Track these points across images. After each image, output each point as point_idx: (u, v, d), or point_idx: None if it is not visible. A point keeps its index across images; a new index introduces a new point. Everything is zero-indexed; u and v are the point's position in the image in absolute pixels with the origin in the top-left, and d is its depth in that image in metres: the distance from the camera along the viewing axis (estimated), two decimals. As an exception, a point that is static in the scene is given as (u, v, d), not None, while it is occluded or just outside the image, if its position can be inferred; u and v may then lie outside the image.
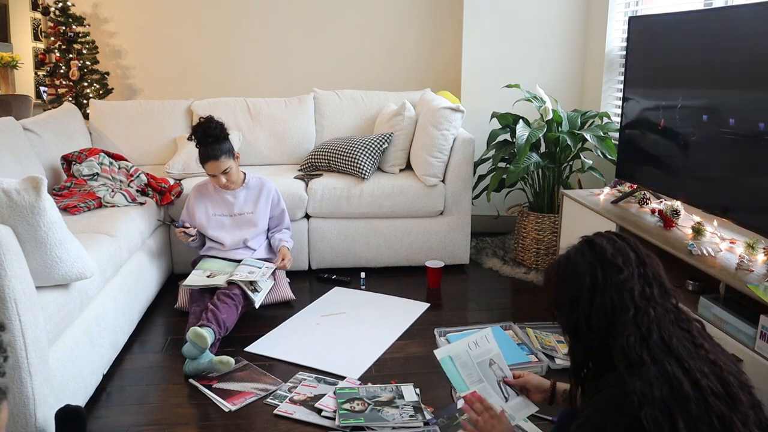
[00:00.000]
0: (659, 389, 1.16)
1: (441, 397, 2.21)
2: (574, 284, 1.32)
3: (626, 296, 1.27)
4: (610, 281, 1.28)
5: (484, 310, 2.99)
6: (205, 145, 2.83)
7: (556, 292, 1.38)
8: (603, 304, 1.28)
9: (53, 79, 4.39)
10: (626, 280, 1.28)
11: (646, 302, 1.27)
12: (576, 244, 1.39)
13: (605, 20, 3.71)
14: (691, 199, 2.38)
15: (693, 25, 2.32)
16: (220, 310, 2.54)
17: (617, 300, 1.27)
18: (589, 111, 3.52)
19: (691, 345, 1.24)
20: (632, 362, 1.21)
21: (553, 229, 3.38)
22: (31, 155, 2.91)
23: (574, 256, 1.35)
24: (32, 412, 1.70)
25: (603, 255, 1.31)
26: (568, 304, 1.33)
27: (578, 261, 1.33)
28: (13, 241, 1.69)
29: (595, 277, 1.30)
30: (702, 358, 1.22)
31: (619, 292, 1.27)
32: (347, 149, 3.41)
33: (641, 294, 1.27)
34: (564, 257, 1.38)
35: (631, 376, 1.19)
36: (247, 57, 4.49)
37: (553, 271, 1.40)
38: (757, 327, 1.82)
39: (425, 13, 4.44)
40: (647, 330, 1.23)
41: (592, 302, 1.29)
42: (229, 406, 2.15)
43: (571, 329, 1.35)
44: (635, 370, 1.20)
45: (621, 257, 1.30)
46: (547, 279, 1.43)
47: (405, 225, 3.39)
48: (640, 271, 1.30)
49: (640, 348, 1.22)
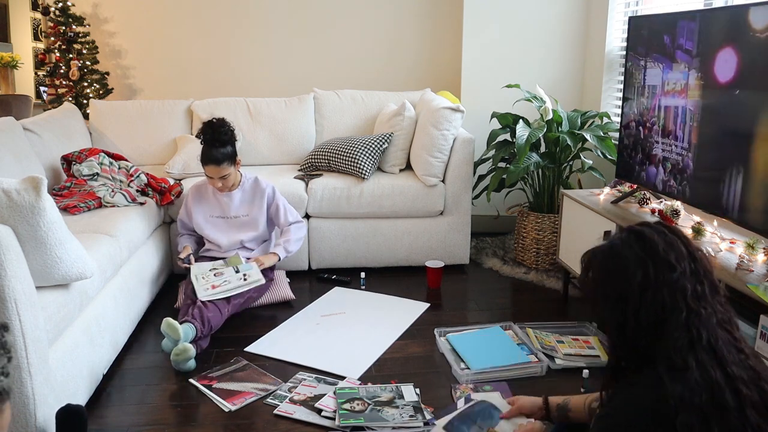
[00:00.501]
0: (699, 396, 1.12)
1: (441, 397, 2.21)
2: (623, 279, 1.23)
3: (678, 296, 1.19)
4: (663, 279, 1.20)
5: (484, 310, 2.99)
6: (211, 147, 2.80)
7: (600, 285, 1.29)
8: (654, 303, 1.20)
9: (53, 79, 4.39)
10: (679, 278, 1.20)
11: (697, 303, 1.20)
12: (621, 234, 1.29)
13: (605, 20, 3.71)
14: (691, 199, 2.38)
15: (693, 24, 2.32)
16: (208, 308, 2.56)
17: (669, 300, 1.20)
18: (589, 111, 3.52)
19: (735, 349, 1.20)
20: (676, 366, 1.15)
21: (553, 229, 3.38)
22: (31, 155, 2.91)
23: (622, 248, 1.26)
24: (32, 412, 1.70)
25: (654, 250, 1.22)
26: (615, 299, 1.25)
27: (627, 255, 1.24)
28: (13, 241, 1.69)
29: (646, 273, 1.21)
30: (743, 365, 1.18)
31: (671, 291, 1.20)
32: (347, 149, 3.41)
33: (693, 293, 1.20)
34: (609, 248, 1.28)
35: (672, 379, 1.14)
36: (247, 57, 4.49)
37: (597, 262, 1.30)
38: (757, 327, 1.81)
39: (425, 13, 4.44)
40: (697, 333, 1.17)
41: (642, 300, 1.21)
42: (229, 406, 2.15)
43: (616, 325, 1.27)
44: (677, 373, 1.15)
45: (673, 253, 1.22)
46: (587, 269, 1.32)
47: (405, 225, 3.39)
48: (692, 267, 1.22)
49: (686, 352, 1.16)
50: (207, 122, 2.86)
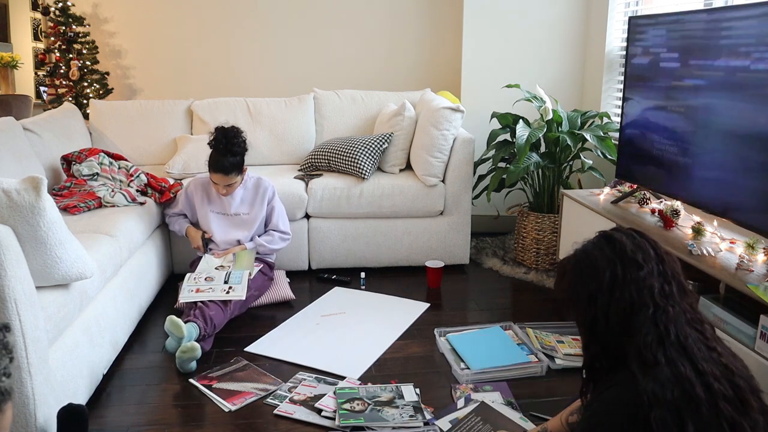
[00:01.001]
0: (671, 391, 1.15)
1: (441, 397, 2.21)
2: (593, 279, 1.29)
3: (646, 293, 1.24)
4: (630, 277, 1.25)
5: (484, 310, 2.99)
6: (222, 155, 2.78)
7: (572, 286, 1.34)
8: (622, 301, 1.25)
9: (53, 79, 4.39)
10: (646, 276, 1.25)
11: (665, 300, 1.24)
12: (593, 238, 1.35)
13: (605, 20, 3.71)
14: (691, 199, 2.38)
15: (693, 24, 2.32)
16: (209, 307, 2.56)
17: (636, 297, 1.24)
18: (589, 111, 3.52)
19: (705, 347, 1.22)
20: (646, 362, 1.19)
21: (553, 229, 3.38)
22: (31, 155, 2.91)
23: (592, 250, 1.32)
24: (32, 412, 1.70)
25: (623, 250, 1.28)
26: (586, 299, 1.30)
27: (597, 256, 1.30)
28: (13, 241, 1.69)
29: (614, 272, 1.27)
30: (715, 361, 1.21)
31: (638, 288, 1.25)
32: (347, 149, 3.41)
33: (660, 292, 1.25)
34: (581, 251, 1.34)
35: (644, 375, 1.18)
36: (247, 57, 4.49)
37: (569, 264, 1.36)
38: (757, 327, 1.81)
39: (425, 14, 4.44)
40: (665, 329, 1.21)
41: (611, 298, 1.26)
42: (229, 406, 2.15)
43: (587, 324, 1.32)
44: (648, 369, 1.18)
45: (641, 253, 1.28)
46: (562, 272, 1.39)
47: (405, 225, 3.39)
48: (660, 268, 1.27)
49: (656, 348, 1.20)
50: (221, 129, 2.83)
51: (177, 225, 3.08)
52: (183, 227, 3.05)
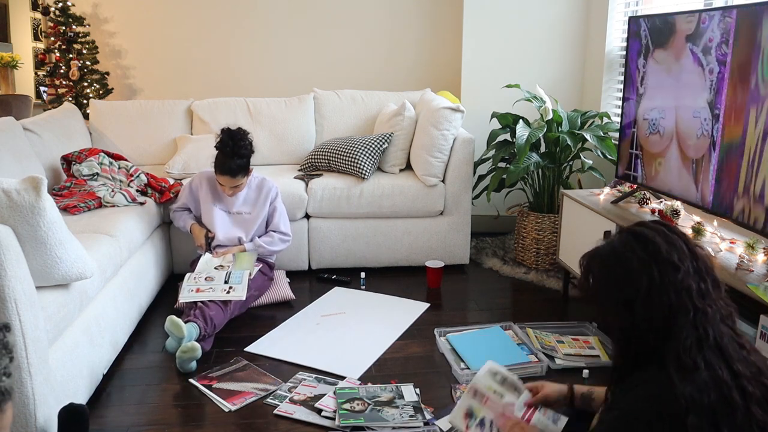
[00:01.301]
0: (708, 396, 1.12)
1: (441, 397, 2.21)
2: (627, 285, 1.21)
3: (684, 296, 1.18)
4: (668, 280, 1.19)
5: (484, 310, 2.99)
6: (228, 157, 2.78)
7: (605, 293, 1.27)
8: (661, 305, 1.19)
9: (53, 79, 4.39)
10: (683, 278, 1.19)
11: (703, 301, 1.19)
12: (621, 236, 1.27)
13: (605, 20, 3.71)
14: (691, 199, 2.38)
15: (693, 24, 2.32)
16: (209, 307, 2.56)
17: (675, 300, 1.18)
18: (589, 111, 3.52)
19: (737, 345, 1.20)
20: (686, 367, 1.15)
21: (553, 229, 3.38)
22: (31, 155, 2.91)
23: (624, 252, 1.24)
24: (32, 412, 1.70)
25: (657, 251, 1.21)
26: (622, 305, 1.23)
27: (630, 258, 1.22)
28: (13, 241, 1.69)
29: (651, 276, 1.19)
30: (746, 361, 1.18)
31: (677, 291, 1.18)
32: (347, 149, 3.41)
33: (698, 292, 1.19)
34: (610, 252, 1.26)
35: (682, 380, 1.14)
36: (247, 57, 4.49)
37: (598, 267, 1.28)
38: (757, 327, 1.81)
39: (425, 13, 4.44)
40: (704, 331, 1.17)
41: (648, 304, 1.19)
42: (229, 406, 2.15)
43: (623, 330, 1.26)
44: (687, 374, 1.14)
45: (676, 253, 1.20)
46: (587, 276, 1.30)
47: (405, 225, 3.39)
48: (695, 265, 1.21)
49: (696, 352, 1.16)
50: (227, 131, 2.83)
51: (181, 221, 3.07)
52: (187, 223, 3.04)
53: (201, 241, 2.95)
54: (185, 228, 3.05)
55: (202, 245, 2.95)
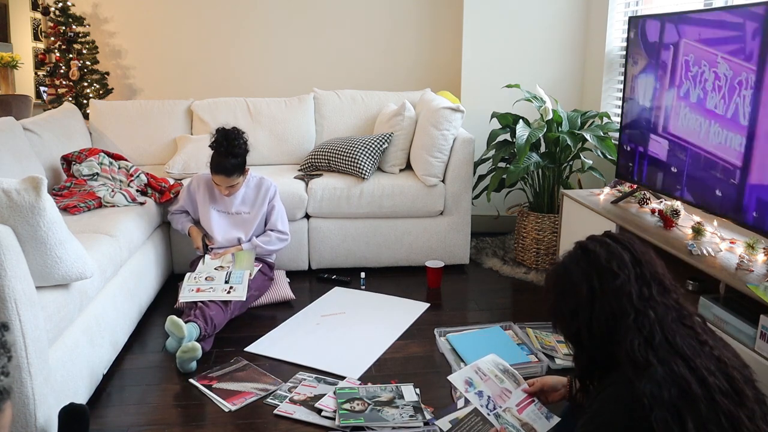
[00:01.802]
0: (668, 390, 1.15)
1: (441, 397, 2.21)
2: (572, 295, 1.31)
3: (625, 301, 1.26)
4: (607, 288, 1.27)
5: (484, 310, 2.99)
6: (223, 157, 2.78)
7: (555, 303, 1.37)
8: (603, 312, 1.27)
9: (53, 79, 4.39)
10: (623, 284, 1.27)
11: (645, 304, 1.26)
12: (571, 250, 1.38)
13: (605, 20, 3.71)
14: (691, 199, 2.38)
15: (693, 24, 2.32)
16: (209, 307, 2.56)
17: (616, 306, 1.26)
18: (589, 111, 3.52)
19: (696, 342, 1.23)
20: (639, 365, 1.20)
21: (553, 229, 3.38)
22: (31, 155, 2.91)
23: (570, 265, 1.35)
24: (32, 412, 1.70)
25: (597, 261, 1.30)
26: (568, 314, 1.32)
27: (574, 271, 1.33)
28: (13, 241, 1.69)
29: (591, 286, 1.29)
30: (707, 355, 1.21)
31: (617, 297, 1.26)
32: (347, 149, 3.41)
33: (639, 296, 1.26)
34: (561, 267, 1.37)
35: (639, 378, 1.18)
36: (247, 57, 4.49)
37: (551, 281, 1.39)
38: (757, 327, 1.82)
39: (425, 13, 4.45)
40: (650, 332, 1.23)
41: (591, 311, 1.28)
42: (229, 406, 2.15)
43: (573, 339, 1.35)
44: (642, 372, 1.19)
45: (615, 261, 1.29)
46: (546, 290, 1.42)
47: (405, 225, 3.39)
48: (637, 272, 1.29)
49: (645, 351, 1.21)
50: (222, 131, 2.82)
51: (180, 224, 3.07)
52: (186, 226, 3.04)
53: (198, 243, 2.95)
54: (183, 231, 3.05)
55: (199, 247, 2.95)
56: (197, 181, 3.03)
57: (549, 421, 1.66)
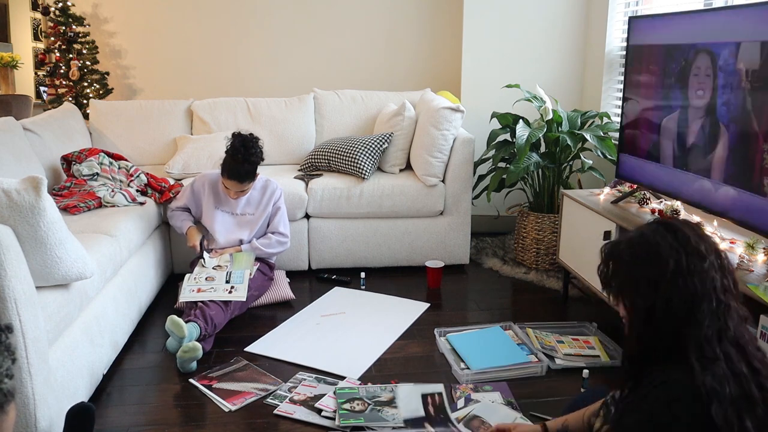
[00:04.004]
0: (729, 386, 1.13)
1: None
2: (656, 266, 1.24)
3: (708, 285, 1.21)
4: (695, 268, 1.22)
5: (484, 310, 2.99)
6: (239, 163, 2.77)
7: (631, 269, 1.28)
8: (686, 290, 1.21)
9: (53, 79, 4.39)
10: (709, 269, 1.22)
11: (726, 295, 1.22)
12: (650, 226, 1.31)
13: (605, 20, 3.71)
14: (691, 199, 2.38)
15: (693, 24, 2.32)
16: (210, 307, 2.57)
17: (700, 288, 1.21)
18: (589, 111, 3.52)
19: (755, 347, 1.22)
20: (706, 355, 1.17)
21: (553, 229, 3.38)
22: (31, 155, 2.91)
23: (653, 237, 1.27)
24: (32, 412, 1.70)
25: (687, 240, 1.24)
26: (646, 284, 1.25)
27: (659, 243, 1.25)
28: (13, 241, 1.69)
29: (679, 261, 1.22)
30: (763, 361, 1.20)
31: (702, 280, 1.21)
32: (347, 149, 3.41)
33: (722, 286, 1.22)
34: (638, 237, 1.29)
35: (702, 369, 1.15)
36: (247, 57, 4.49)
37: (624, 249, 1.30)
38: (757, 327, 1.81)
39: (425, 13, 4.45)
40: (725, 323, 1.19)
41: (675, 287, 1.22)
42: (229, 406, 2.15)
43: (645, 310, 1.26)
44: (708, 364, 1.16)
45: (704, 244, 1.24)
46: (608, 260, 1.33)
47: (405, 225, 3.39)
48: (719, 262, 1.25)
49: (716, 343, 1.18)
50: (239, 136, 2.81)
51: (179, 221, 3.05)
52: (185, 225, 3.03)
53: (195, 242, 2.92)
54: (181, 229, 3.04)
55: (195, 246, 2.92)
56: (202, 181, 3.03)
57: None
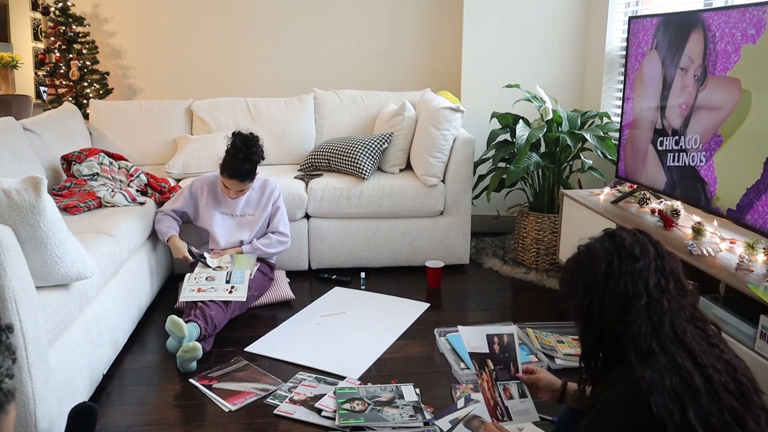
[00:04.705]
0: (669, 379, 1.16)
1: (441, 397, 2.21)
2: (590, 269, 1.32)
3: (640, 285, 1.27)
4: (626, 268, 1.28)
5: (484, 310, 2.99)
6: (240, 162, 2.76)
7: (572, 278, 1.38)
8: (617, 290, 1.28)
9: (53, 79, 4.39)
10: (642, 269, 1.28)
11: (660, 294, 1.27)
12: (598, 236, 1.39)
13: (605, 20, 3.71)
14: (691, 199, 2.38)
15: (693, 24, 2.32)
16: (210, 307, 2.57)
17: (631, 287, 1.27)
18: (589, 111, 3.52)
19: (705, 343, 1.23)
20: (642, 352, 1.21)
21: (553, 229, 3.38)
22: (31, 155, 2.91)
23: (594, 245, 1.36)
24: (32, 412, 1.70)
25: (621, 244, 1.31)
26: (583, 288, 1.33)
27: (596, 248, 1.34)
28: (13, 241, 1.69)
29: (610, 263, 1.30)
30: (715, 356, 1.21)
31: (633, 280, 1.27)
32: (347, 149, 3.41)
33: (656, 285, 1.27)
34: (584, 247, 1.38)
35: (640, 363, 1.19)
36: (247, 57, 4.49)
37: (571, 259, 1.40)
38: (757, 327, 1.82)
39: (425, 13, 4.44)
40: (659, 320, 1.23)
41: (606, 287, 1.29)
42: (229, 406, 2.15)
43: (583, 314, 1.35)
44: (644, 358, 1.20)
45: (639, 247, 1.30)
46: (565, 268, 1.42)
47: (405, 225, 3.39)
48: (658, 264, 1.30)
49: (650, 338, 1.22)
50: (240, 135, 2.81)
51: (164, 227, 2.93)
52: (168, 233, 2.92)
53: (182, 254, 2.84)
54: (164, 236, 2.91)
55: (186, 257, 2.84)
56: (200, 183, 3.02)
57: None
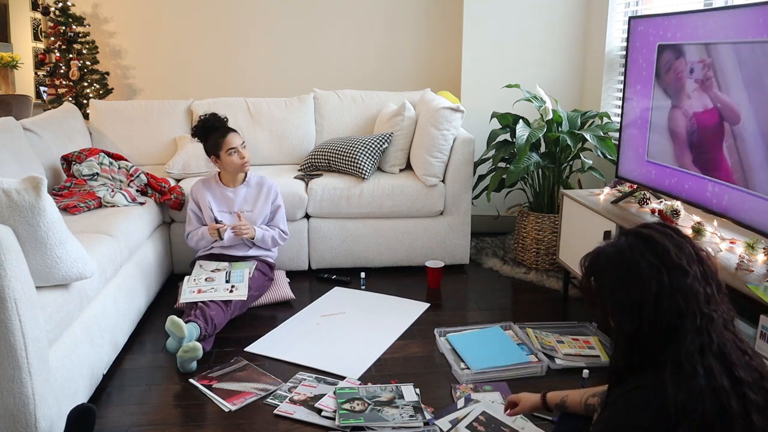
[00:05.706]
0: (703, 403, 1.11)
1: (441, 397, 2.21)
2: (637, 287, 1.21)
3: (692, 301, 1.18)
4: (677, 285, 1.18)
5: (484, 310, 2.99)
6: (219, 121, 2.97)
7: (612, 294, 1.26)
8: (669, 309, 1.18)
9: (53, 79, 4.39)
10: (692, 283, 1.19)
11: (708, 306, 1.19)
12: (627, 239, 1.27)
13: (605, 20, 3.71)
14: (691, 199, 2.38)
15: (693, 24, 2.32)
16: (210, 307, 2.57)
17: (684, 306, 1.18)
18: (589, 111, 3.52)
19: (739, 351, 1.19)
20: (684, 372, 1.14)
21: (553, 229, 3.38)
22: (31, 155, 2.91)
23: (632, 255, 1.23)
24: (32, 412, 1.70)
25: (667, 256, 1.20)
26: (629, 308, 1.22)
27: (639, 262, 1.21)
28: (13, 241, 1.69)
29: (661, 281, 1.19)
30: (748, 366, 1.18)
31: (685, 296, 1.18)
32: (347, 149, 3.41)
33: (705, 297, 1.19)
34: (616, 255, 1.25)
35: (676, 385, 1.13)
36: (247, 57, 4.49)
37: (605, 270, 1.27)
38: (757, 327, 1.81)
39: (425, 13, 4.45)
40: (708, 338, 1.17)
41: (657, 307, 1.19)
42: (229, 406, 2.15)
43: (629, 332, 1.24)
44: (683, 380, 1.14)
45: (685, 257, 1.20)
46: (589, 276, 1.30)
47: (405, 225, 3.39)
48: (701, 269, 1.21)
49: (697, 358, 1.15)
50: (202, 119, 2.99)
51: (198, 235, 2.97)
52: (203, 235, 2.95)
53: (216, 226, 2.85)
54: (204, 238, 2.95)
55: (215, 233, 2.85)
56: (197, 188, 3.03)
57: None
